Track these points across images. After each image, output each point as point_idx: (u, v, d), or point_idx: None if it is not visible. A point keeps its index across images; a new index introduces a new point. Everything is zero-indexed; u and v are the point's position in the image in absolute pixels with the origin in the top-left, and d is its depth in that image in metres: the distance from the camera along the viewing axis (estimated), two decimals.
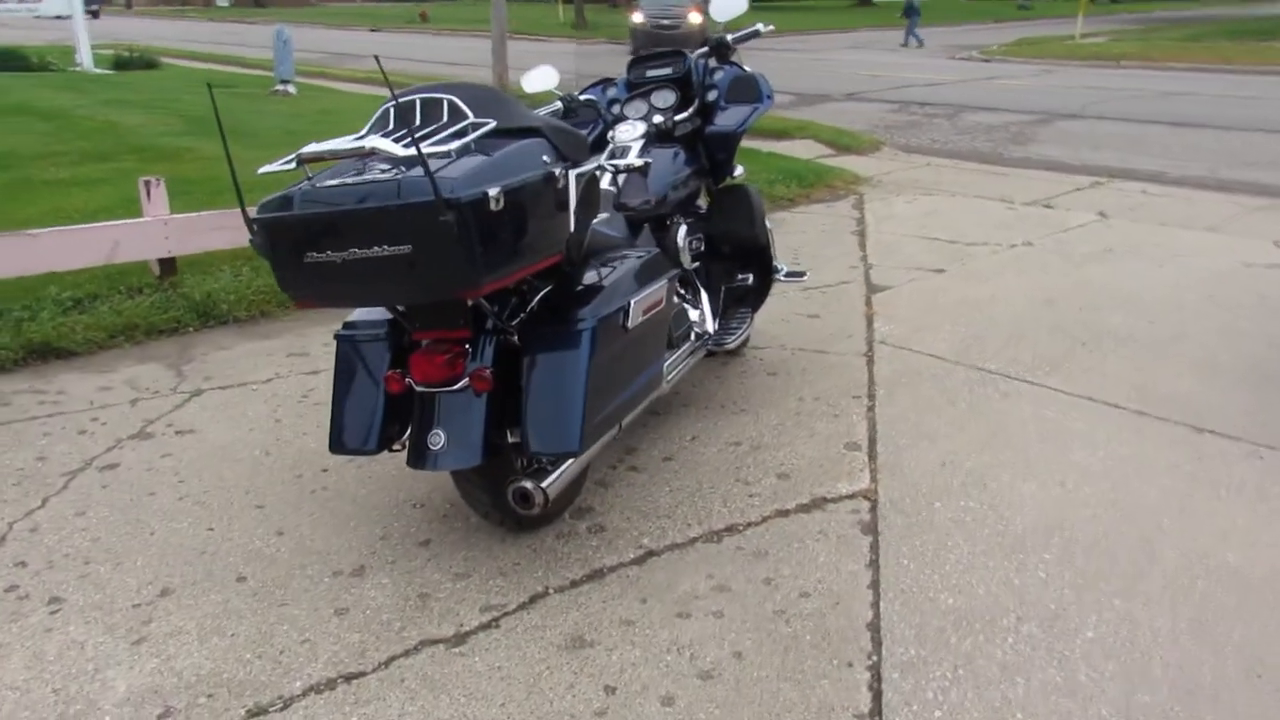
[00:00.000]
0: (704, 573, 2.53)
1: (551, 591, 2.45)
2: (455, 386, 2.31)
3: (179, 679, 2.13)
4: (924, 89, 15.23)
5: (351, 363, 2.47)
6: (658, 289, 2.61)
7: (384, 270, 2.05)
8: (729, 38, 3.54)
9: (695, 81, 3.54)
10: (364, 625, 2.31)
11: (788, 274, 3.86)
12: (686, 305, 3.38)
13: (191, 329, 4.40)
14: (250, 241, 2.17)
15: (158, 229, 4.56)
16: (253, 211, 2.15)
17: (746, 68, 3.70)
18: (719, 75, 3.62)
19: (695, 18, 18.99)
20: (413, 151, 2.01)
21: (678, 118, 3.51)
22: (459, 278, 2.04)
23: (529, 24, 33.75)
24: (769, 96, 3.66)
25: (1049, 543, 2.65)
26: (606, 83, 3.76)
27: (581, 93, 3.73)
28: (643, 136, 3.36)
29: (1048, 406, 3.56)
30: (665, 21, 19.93)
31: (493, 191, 2.02)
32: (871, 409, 3.55)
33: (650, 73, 3.68)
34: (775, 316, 4.61)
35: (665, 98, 3.59)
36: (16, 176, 7.04)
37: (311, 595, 2.43)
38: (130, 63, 16.07)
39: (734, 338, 3.46)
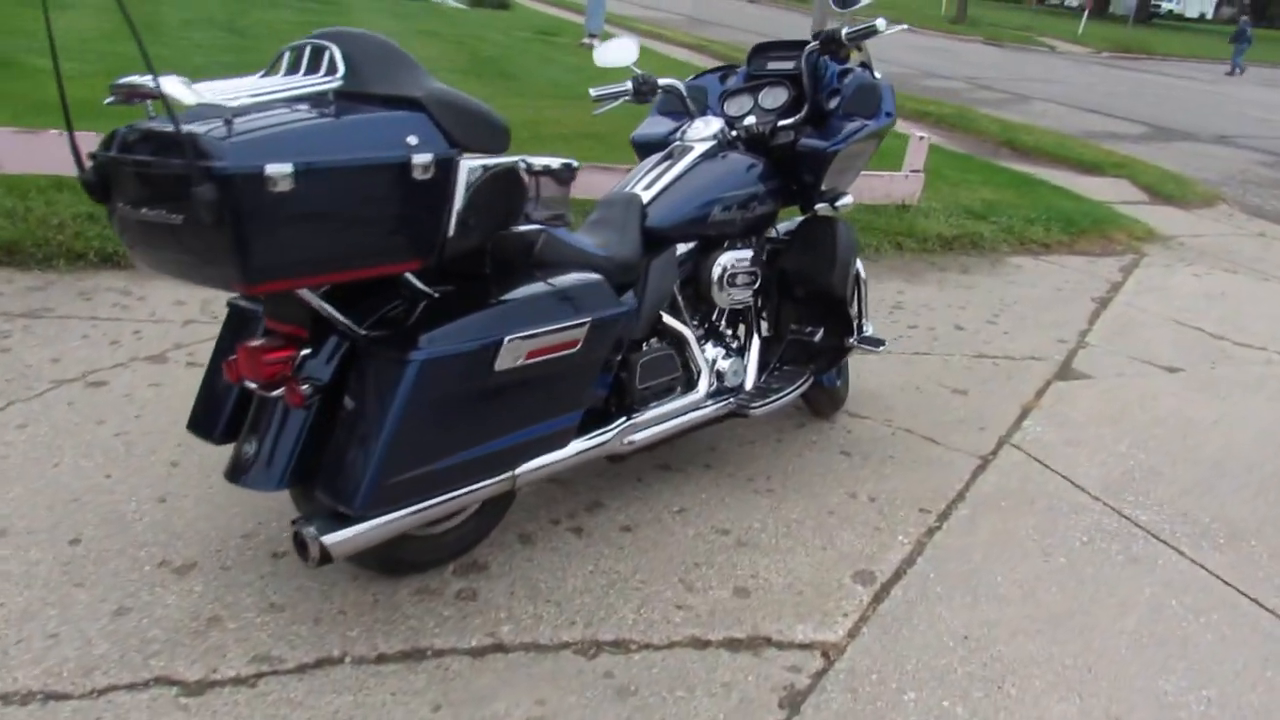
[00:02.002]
0: (536, 695, 1.98)
1: (348, 661, 2.01)
2: (274, 393, 1.93)
3: None
4: None
5: (227, 337, 2.16)
6: (567, 329, 2.05)
7: (165, 239, 1.70)
8: (843, 31, 2.80)
9: (807, 82, 2.85)
10: (123, 637, 2.01)
11: (862, 339, 3.07)
12: (715, 349, 2.75)
13: None
14: (78, 177, 1.89)
15: None
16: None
17: (876, 74, 2.94)
18: (849, 79, 2.90)
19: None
20: (204, 98, 1.62)
21: (782, 123, 2.85)
22: (226, 268, 1.63)
23: (903, 11, 32.19)
24: (888, 114, 2.89)
25: None
26: (728, 70, 3.16)
27: (695, 78, 3.16)
28: (713, 138, 2.76)
29: (1182, 593, 2.55)
30: None
31: (275, 168, 1.58)
32: (931, 533, 2.73)
33: (771, 65, 3.03)
34: (912, 380, 3.79)
35: (775, 96, 2.94)
36: None
37: (115, 582, 2.17)
38: (484, 1, 17.10)
39: (765, 405, 2.77)
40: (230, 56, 8.32)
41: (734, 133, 2.88)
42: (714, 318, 2.84)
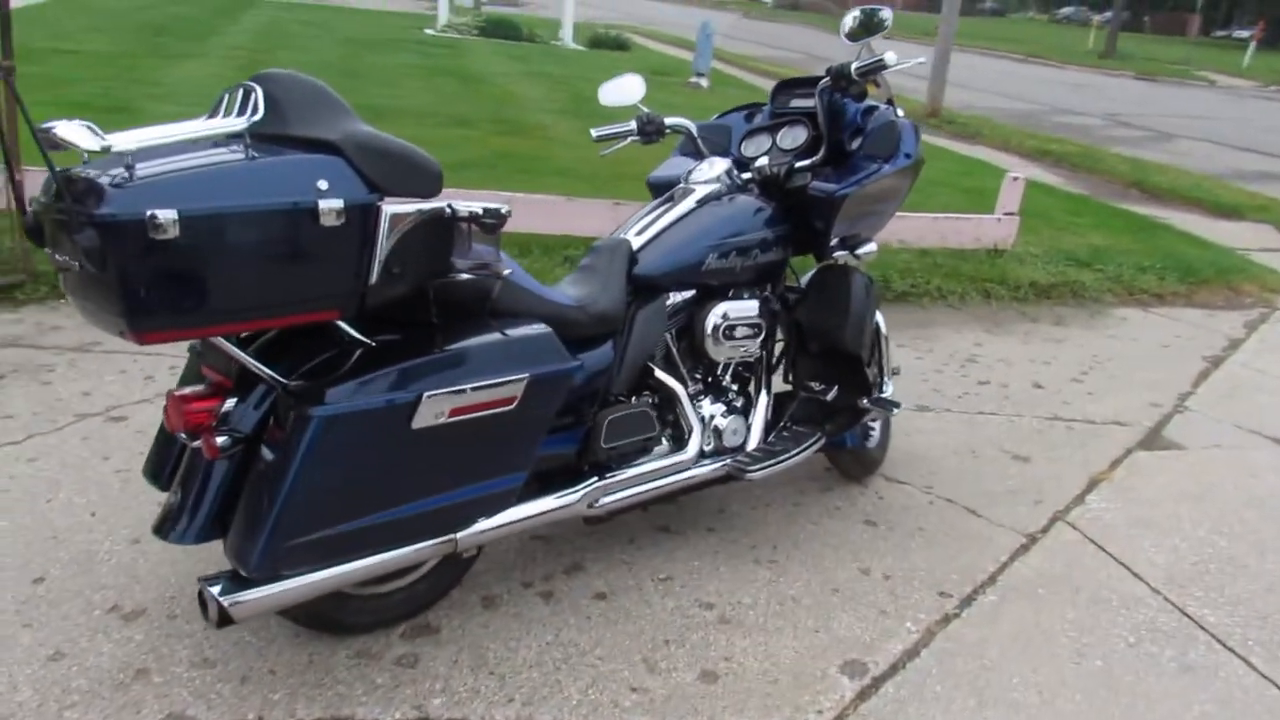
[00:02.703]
0: None
1: None
2: (195, 443, 1.86)
3: None
4: None
5: (186, 381, 2.13)
6: (499, 385, 1.91)
7: (74, 285, 1.67)
8: (853, 67, 2.58)
9: (822, 120, 2.65)
10: (49, 685, 1.95)
11: (876, 401, 2.79)
12: (714, 405, 2.56)
13: None
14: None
15: None
16: None
17: (899, 111, 2.71)
18: (872, 118, 2.68)
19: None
20: (105, 143, 1.58)
21: (800, 164, 2.65)
22: (115, 316, 1.58)
23: (1049, 48, 31.06)
24: (906, 155, 2.65)
25: None
26: (754, 108, 2.99)
27: (718, 117, 3.00)
28: (716, 180, 2.59)
29: (1243, 716, 2.18)
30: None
31: (161, 214, 1.51)
32: (946, 621, 2.44)
33: (795, 102, 2.85)
34: (969, 442, 3.48)
35: (794, 136, 2.75)
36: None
37: (61, 625, 2.13)
38: (603, 42, 17.34)
39: (763, 468, 2.54)
40: None
41: (746, 175, 2.71)
42: (718, 372, 2.65)
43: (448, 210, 1.79)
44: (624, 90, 2.75)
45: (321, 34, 14.43)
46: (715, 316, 2.50)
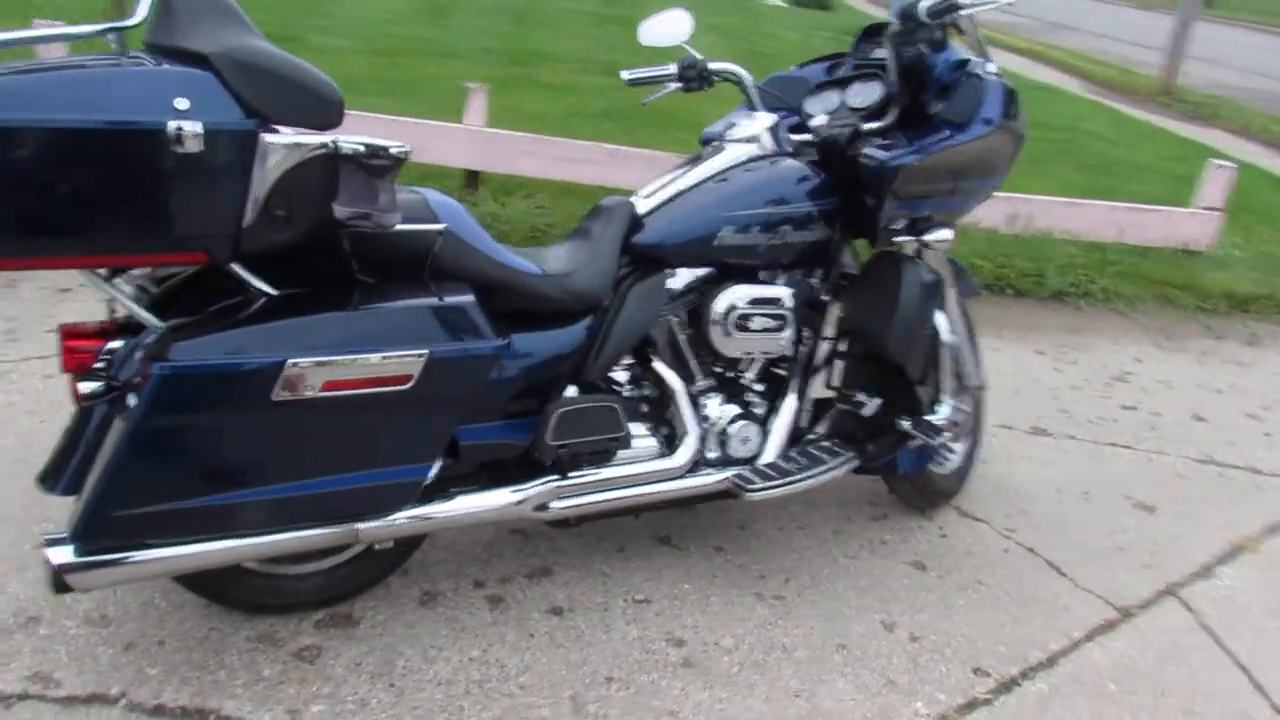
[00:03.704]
0: None
1: (121, 703, 1.70)
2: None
3: None
4: None
5: None
6: (387, 360, 1.60)
7: None
8: (922, 5, 2.04)
9: (893, 74, 2.14)
10: None
11: (918, 424, 2.26)
12: (724, 407, 2.16)
13: None
14: None
15: (463, 137, 4.40)
16: None
17: (989, 68, 2.16)
18: (964, 75, 2.16)
19: None
20: None
21: (868, 127, 2.18)
22: None
23: None
24: (986, 122, 2.11)
25: None
26: (837, 59, 2.51)
27: (798, 68, 2.54)
28: (750, 140, 2.18)
29: None
30: None
31: None
32: (969, 708, 1.96)
33: (879, 52, 2.35)
34: (1084, 480, 2.91)
35: (867, 93, 2.26)
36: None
37: None
38: (806, 1, 16.60)
39: (766, 488, 2.11)
40: (496, 42, 8.50)
41: (805, 136, 2.25)
42: (741, 369, 2.24)
43: (330, 145, 1.49)
44: (668, 28, 2.33)
45: None
46: (724, 301, 2.08)
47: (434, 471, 1.79)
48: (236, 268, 1.61)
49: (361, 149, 1.49)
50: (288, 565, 1.94)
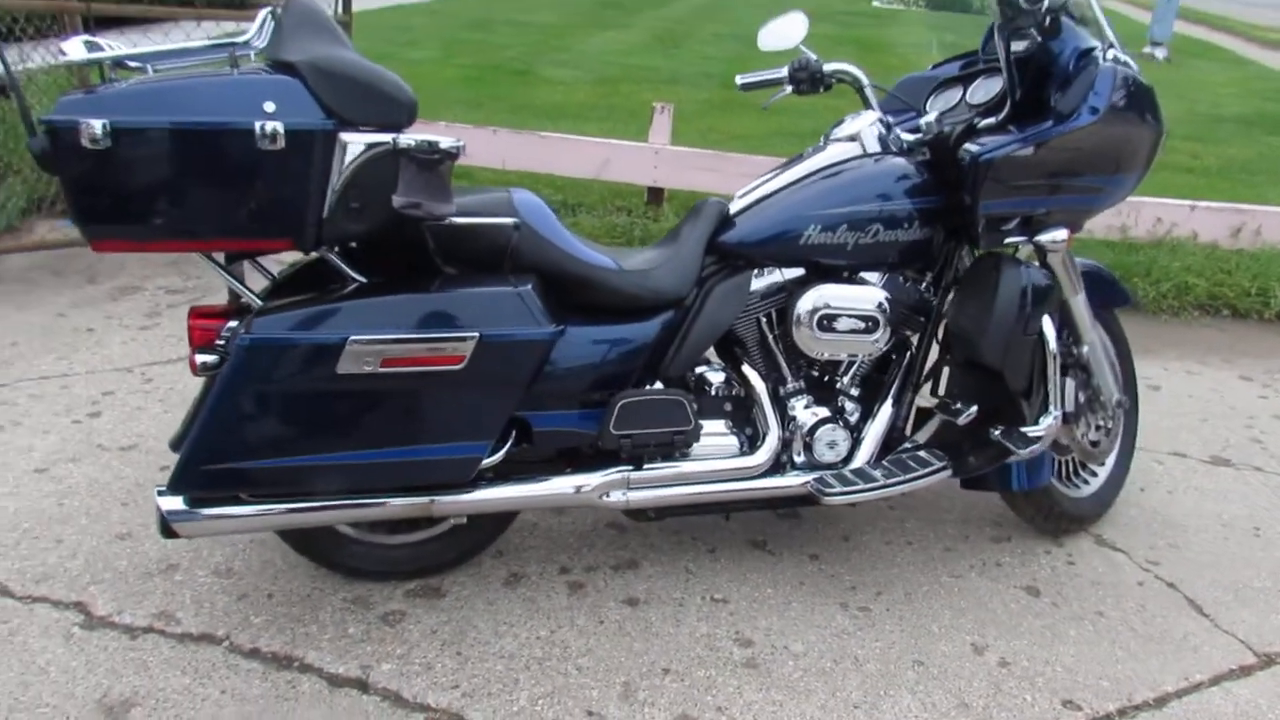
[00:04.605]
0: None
1: (224, 645, 1.93)
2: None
3: None
4: None
5: None
6: (440, 341, 1.71)
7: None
8: None
9: (1003, 66, 2.04)
10: (98, 558, 2.16)
11: (1008, 433, 2.08)
12: (813, 409, 2.13)
13: None
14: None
15: (647, 156, 4.56)
16: None
17: (1115, 53, 1.99)
18: (1088, 63, 2.03)
19: None
20: (91, 57, 1.67)
21: (983, 123, 2.10)
22: (74, 219, 1.67)
23: None
24: (1092, 111, 1.94)
25: None
26: (971, 57, 2.42)
27: (935, 66, 2.46)
28: (850, 138, 2.16)
29: None
30: None
31: (90, 122, 1.55)
32: None
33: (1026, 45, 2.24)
34: (1263, 513, 2.62)
35: (988, 88, 2.19)
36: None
37: (143, 509, 2.36)
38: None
39: (844, 493, 2.04)
40: (720, 67, 8.68)
41: (919, 135, 2.19)
42: (839, 372, 2.20)
43: (391, 143, 1.64)
44: (784, 31, 2.33)
45: (760, 7, 14.61)
46: (808, 301, 2.05)
47: (500, 452, 1.90)
48: (333, 257, 1.80)
49: (413, 145, 1.62)
50: (383, 535, 2.11)
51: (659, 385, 2.05)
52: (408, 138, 1.64)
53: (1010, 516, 2.47)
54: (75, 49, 1.67)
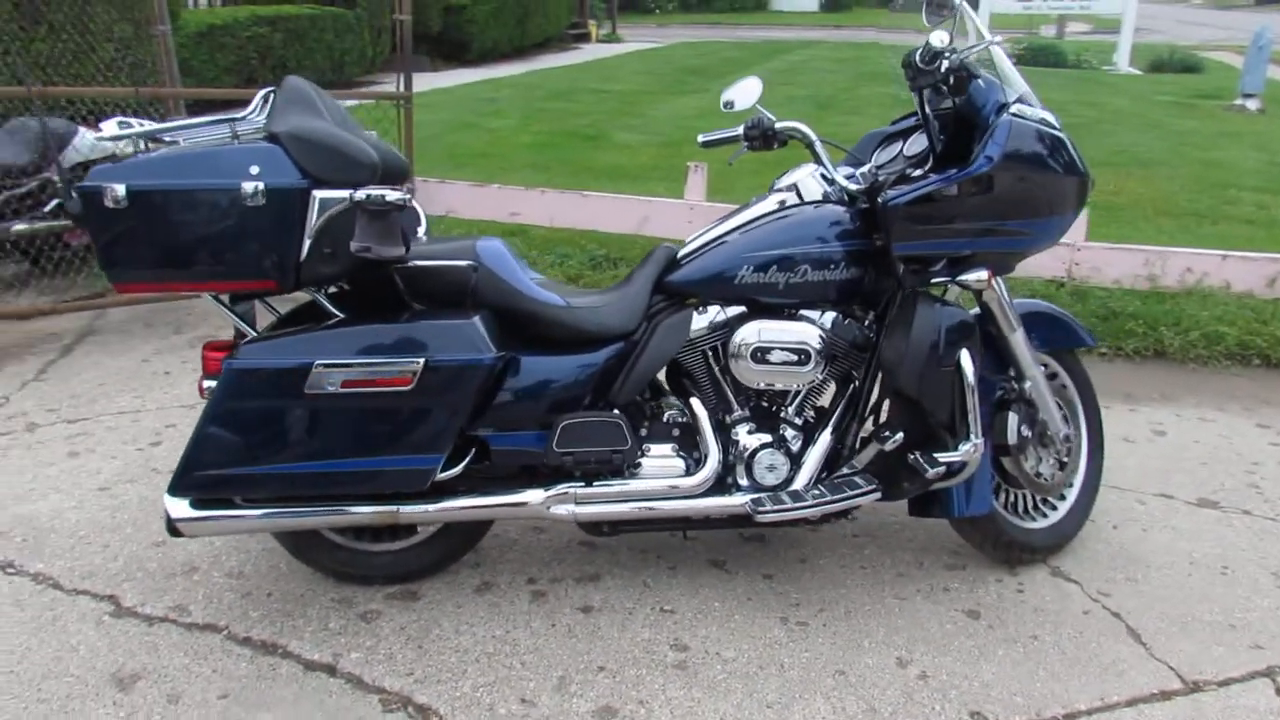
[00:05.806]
0: None
1: (223, 634, 2.23)
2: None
3: None
4: None
5: None
6: (390, 365, 1.99)
7: None
8: (917, 54, 2.09)
9: (924, 120, 2.24)
10: (135, 560, 2.50)
11: (920, 454, 2.19)
12: (754, 435, 2.32)
13: None
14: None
15: (683, 212, 4.81)
16: None
17: (1018, 107, 2.16)
18: (1002, 118, 2.20)
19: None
20: (120, 133, 2.05)
21: (915, 173, 2.30)
22: (100, 264, 2.04)
23: None
24: (987, 159, 2.10)
25: None
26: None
27: (895, 122, 2.65)
28: (788, 189, 2.38)
29: None
30: None
31: (110, 186, 1.92)
32: None
33: (946, 102, 2.43)
34: (1228, 553, 2.63)
35: (919, 141, 2.38)
36: None
37: None
38: (1166, 64, 15.25)
39: (776, 511, 2.21)
40: None
41: (858, 185, 2.38)
42: (785, 402, 2.38)
43: (348, 198, 1.94)
44: (742, 91, 2.56)
45: (839, 70, 14.87)
46: (743, 335, 2.25)
47: (458, 467, 2.15)
48: (320, 297, 2.12)
49: (366, 198, 1.92)
50: (368, 543, 2.38)
51: (615, 410, 2.27)
52: (362, 192, 1.94)
53: (969, 547, 2.57)
54: (110, 127, 2.07)
